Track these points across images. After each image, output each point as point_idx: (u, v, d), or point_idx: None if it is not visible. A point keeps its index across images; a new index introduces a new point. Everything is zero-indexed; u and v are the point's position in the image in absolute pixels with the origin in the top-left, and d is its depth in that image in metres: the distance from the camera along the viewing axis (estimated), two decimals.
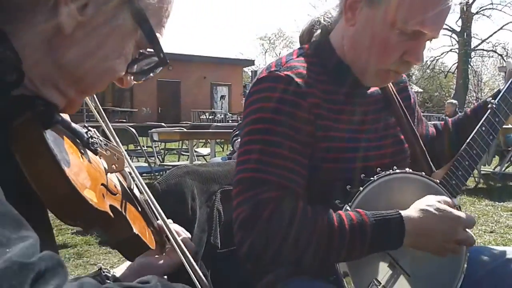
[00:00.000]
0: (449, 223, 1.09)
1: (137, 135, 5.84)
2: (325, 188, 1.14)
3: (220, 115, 22.51)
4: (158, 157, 7.43)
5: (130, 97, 24.76)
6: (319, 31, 1.27)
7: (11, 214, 0.51)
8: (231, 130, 4.97)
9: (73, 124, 0.75)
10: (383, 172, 1.14)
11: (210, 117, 22.11)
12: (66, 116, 0.75)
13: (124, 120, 18.65)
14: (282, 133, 1.08)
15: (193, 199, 1.32)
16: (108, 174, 0.83)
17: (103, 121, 0.92)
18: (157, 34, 0.72)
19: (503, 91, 1.33)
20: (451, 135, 1.46)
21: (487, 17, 31.66)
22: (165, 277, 1.12)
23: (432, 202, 1.11)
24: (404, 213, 1.08)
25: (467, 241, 1.12)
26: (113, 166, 0.85)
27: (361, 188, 1.11)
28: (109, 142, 0.89)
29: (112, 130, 0.93)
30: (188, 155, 7.40)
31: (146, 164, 6.08)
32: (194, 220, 1.29)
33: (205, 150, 7.99)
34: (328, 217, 1.04)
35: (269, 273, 1.19)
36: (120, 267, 1.11)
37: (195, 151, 7.10)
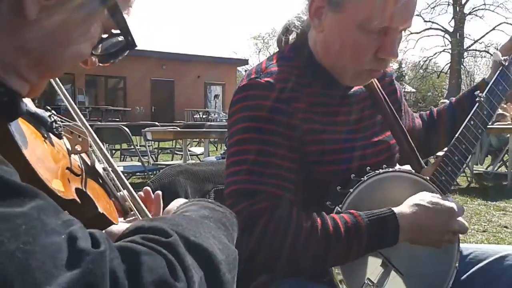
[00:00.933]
0: (442, 216, 1.09)
1: (130, 134, 5.81)
2: (320, 190, 1.14)
3: (214, 115, 22.46)
4: (151, 156, 7.40)
5: (123, 96, 24.66)
6: (294, 34, 1.26)
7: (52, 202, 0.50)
8: (225, 129, 4.96)
9: (35, 109, 0.72)
10: (373, 172, 1.13)
11: (204, 116, 22.05)
12: (27, 101, 0.72)
13: (118, 119, 18.57)
14: (269, 141, 1.07)
15: (186, 198, 1.31)
16: (72, 155, 0.81)
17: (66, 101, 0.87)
18: (124, 15, 0.69)
19: (490, 83, 1.31)
20: (437, 124, 1.46)
21: (480, 17, 31.87)
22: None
23: (424, 196, 1.11)
24: (397, 210, 1.08)
25: (461, 230, 1.13)
26: (77, 147, 0.82)
27: (351, 189, 1.10)
28: (71, 122, 0.85)
29: (77, 109, 0.89)
30: (181, 155, 7.38)
31: (139, 163, 6.06)
32: None
33: (198, 150, 7.97)
34: (323, 223, 1.04)
35: (263, 273, 1.18)
36: None
37: (189, 150, 7.08)
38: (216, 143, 11.44)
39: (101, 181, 0.91)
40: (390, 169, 1.16)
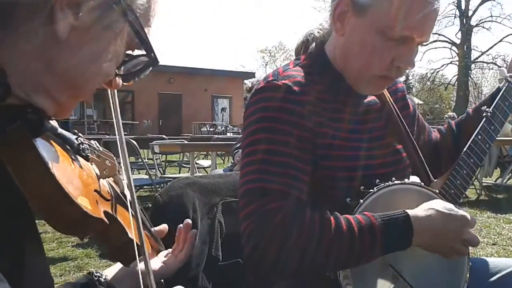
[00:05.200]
0: (456, 223, 1.09)
1: (138, 147, 5.83)
2: (324, 196, 1.14)
3: (221, 127, 22.49)
4: (159, 169, 7.42)
5: (131, 110, 24.79)
6: (314, 43, 1.28)
7: None
8: (232, 142, 4.97)
9: (63, 131, 0.73)
10: (383, 184, 1.13)
11: (211, 129, 22.09)
12: (56, 123, 0.74)
13: (125, 133, 18.63)
14: (283, 141, 1.08)
15: (194, 211, 1.31)
16: (100, 180, 0.82)
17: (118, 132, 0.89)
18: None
19: (497, 99, 1.33)
20: (455, 136, 1.46)
21: (487, 29, 31.80)
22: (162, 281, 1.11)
23: (438, 202, 1.11)
24: (411, 212, 1.07)
25: (473, 241, 1.11)
26: (105, 171, 0.84)
27: (361, 201, 1.10)
28: (99, 149, 0.87)
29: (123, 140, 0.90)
30: (189, 167, 7.39)
31: (147, 176, 6.07)
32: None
33: (206, 162, 7.98)
34: (336, 222, 1.04)
35: (272, 286, 1.18)
36: (111, 268, 1.09)
37: (196, 163, 7.09)
38: (223, 155, 11.44)
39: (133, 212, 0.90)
40: (400, 182, 1.16)
